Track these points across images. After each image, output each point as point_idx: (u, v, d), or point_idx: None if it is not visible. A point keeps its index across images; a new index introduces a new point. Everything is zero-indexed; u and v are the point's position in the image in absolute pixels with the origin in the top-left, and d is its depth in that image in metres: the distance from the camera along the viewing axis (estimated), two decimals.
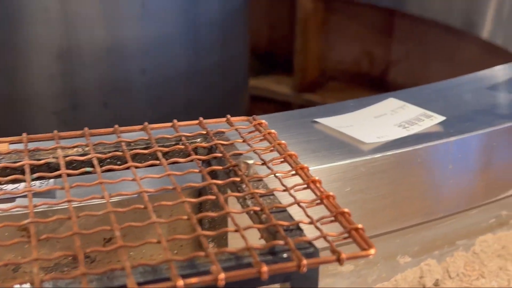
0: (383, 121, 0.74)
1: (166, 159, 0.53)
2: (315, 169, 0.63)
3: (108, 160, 0.53)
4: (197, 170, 0.52)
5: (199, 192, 0.59)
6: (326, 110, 0.77)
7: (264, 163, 0.52)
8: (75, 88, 1.66)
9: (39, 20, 1.51)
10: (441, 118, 0.75)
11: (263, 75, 3.82)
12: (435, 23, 2.94)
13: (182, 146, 0.55)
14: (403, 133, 0.71)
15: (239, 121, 0.60)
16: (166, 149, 0.55)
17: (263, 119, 0.59)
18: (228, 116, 0.59)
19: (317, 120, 0.73)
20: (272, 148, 0.54)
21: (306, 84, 3.71)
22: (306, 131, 0.71)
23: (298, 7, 3.52)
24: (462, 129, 0.73)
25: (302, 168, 0.50)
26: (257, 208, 0.46)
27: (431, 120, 0.74)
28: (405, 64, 3.63)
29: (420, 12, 2.95)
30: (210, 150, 0.56)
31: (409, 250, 0.75)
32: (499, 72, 0.90)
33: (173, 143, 0.56)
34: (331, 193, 0.47)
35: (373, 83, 3.74)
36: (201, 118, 0.59)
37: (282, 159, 0.53)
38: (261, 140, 0.56)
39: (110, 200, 0.45)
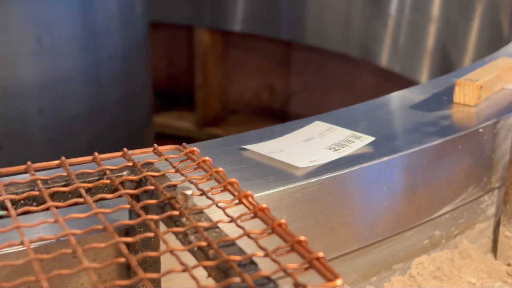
0: (312, 144, 0.71)
1: (91, 196, 0.47)
2: None
3: (23, 201, 0.46)
4: (127, 206, 0.46)
5: (126, 230, 0.53)
6: (252, 136, 0.73)
7: (204, 193, 0.47)
8: None
9: None
10: (371, 139, 0.72)
11: (165, 112, 3.76)
12: (333, 53, 3.01)
13: (108, 181, 0.49)
14: (335, 155, 0.69)
15: (168, 150, 0.54)
16: (89, 185, 0.48)
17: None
18: (155, 145, 0.54)
19: (246, 147, 0.69)
20: (209, 177, 0.49)
21: (208, 119, 3.68)
22: (236, 159, 0.66)
23: (196, 42, 3.50)
24: (393, 148, 0.71)
25: (246, 196, 0.46)
26: (203, 244, 0.41)
27: (361, 141, 0.72)
28: (305, 95, 3.69)
29: (318, 43, 3.01)
30: (140, 183, 0.50)
31: (348, 279, 0.71)
32: (417, 90, 0.90)
33: (97, 178, 0.50)
34: (282, 221, 0.42)
35: (274, 115, 3.77)
36: (125, 149, 0.53)
37: (223, 188, 0.48)
38: (195, 169, 0.51)
39: (31, 246, 0.38)
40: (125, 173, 0.51)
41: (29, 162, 0.49)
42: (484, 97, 0.86)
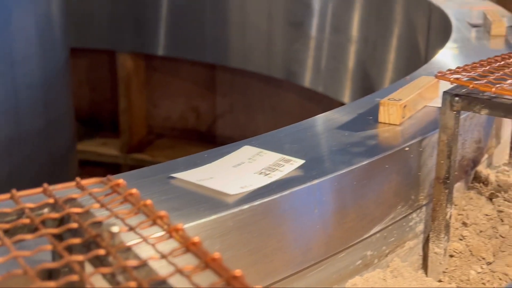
0: (242, 170, 0.70)
1: (9, 238, 0.43)
2: None
3: None
4: (49, 247, 0.43)
5: (49, 273, 0.50)
6: (181, 164, 0.71)
7: (131, 229, 0.45)
8: None
9: None
10: (301, 162, 0.72)
11: (89, 139, 3.67)
12: (257, 75, 3.03)
13: (27, 220, 0.46)
14: (266, 180, 0.68)
15: (92, 184, 0.52)
16: (7, 226, 0.45)
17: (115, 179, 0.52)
18: (78, 179, 0.51)
19: (174, 175, 0.67)
20: (136, 211, 0.47)
21: (133, 144, 3.61)
22: (164, 189, 0.64)
23: (118, 67, 3.44)
24: (322, 171, 0.71)
25: (177, 230, 0.44)
26: (133, 284, 0.39)
27: (291, 164, 0.71)
28: (230, 117, 3.69)
29: (242, 66, 3.03)
30: (62, 221, 0.47)
31: None
32: (343, 111, 0.91)
33: (15, 217, 0.46)
34: (216, 255, 0.40)
35: (201, 138, 3.74)
36: (45, 185, 0.50)
37: (151, 222, 0.46)
38: (121, 203, 0.49)
39: None
40: (45, 210, 0.48)
41: None
42: (408, 115, 0.88)
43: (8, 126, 1.67)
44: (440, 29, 1.68)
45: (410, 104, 0.88)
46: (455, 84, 0.80)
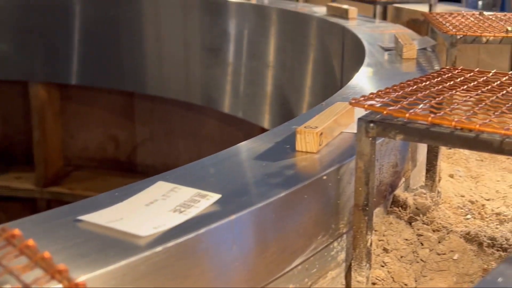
0: (156, 208, 0.66)
1: None
2: (88, 278, 0.52)
3: None
4: None
5: None
6: (88, 204, 0.67)
7: (26, 287, 0.41)
8: None
9: None
10: (217, 196, 0.69)
11: (2, 173, 3.51)
12: (176, 102, 2.99)
13: None
14: (181, 218, 0.64)
15: None
16: None
17: (14, 227, 0.48)
18: None
19: (81, 218, 0.63)
20: (33, 265, 0.43)
21: (49, 177, 3.48)
22: (70, 233, 0.60)
23: (31, 98, 3.32)
24: (240, 204, 0.68)
25: (77, 285, 0.40)
26: None
27: (207, 199, 0.68)
28: (151, 145, 3.62)
29: (161, 93, 2.99)
30: None
31: None
32: (260, 140, 0.89)
33: None
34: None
35: (121, 167, 3.66)
36: None
37: (50, 277, 0.42)
38: (16, 256, 0.44)
39: None
40: None
41: None
42: (325, 143, 0.87)
43: None
44: (354, 53, 1.71)
45: (326, 131, 0.88)
46: (370, 110, 0.80)
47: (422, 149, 1.13)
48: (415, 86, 0.88)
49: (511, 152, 0.71)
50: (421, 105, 0.79)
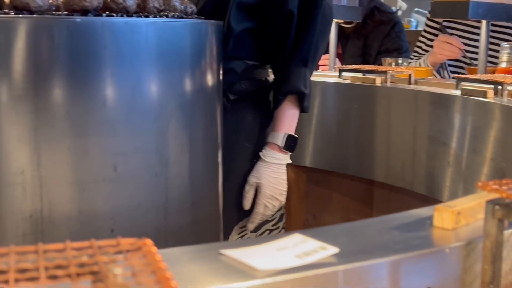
0: (283, 252, 0.82)
1: None
2: None
3: None
4: None
5: None
6: (235, 245, 0.84)
7: None
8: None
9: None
10: (336, 250, 0.82)
11: None
12: (411, 192, 3.06)
13: None
14: (297, 262, 0.78)
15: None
16: None
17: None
18: None
19: (222, 251, 0.81)
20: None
21: None
22: (206, 260, 0.78)
23: None
24: (350, 259, 0.79)
25: None
26: None
27: (325, 250, 0.81)
28: None
29: (395, 183, 3.08)
30: None
31: None
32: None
33: None
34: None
35: None
36: None
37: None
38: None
39: None
40: None
41: None
42: (463, 222, 0.93)
43: (157, 221, 1.92)
44: None
45: (466, 211, 0.94)
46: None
47: None
48: None
49: None
50: None
